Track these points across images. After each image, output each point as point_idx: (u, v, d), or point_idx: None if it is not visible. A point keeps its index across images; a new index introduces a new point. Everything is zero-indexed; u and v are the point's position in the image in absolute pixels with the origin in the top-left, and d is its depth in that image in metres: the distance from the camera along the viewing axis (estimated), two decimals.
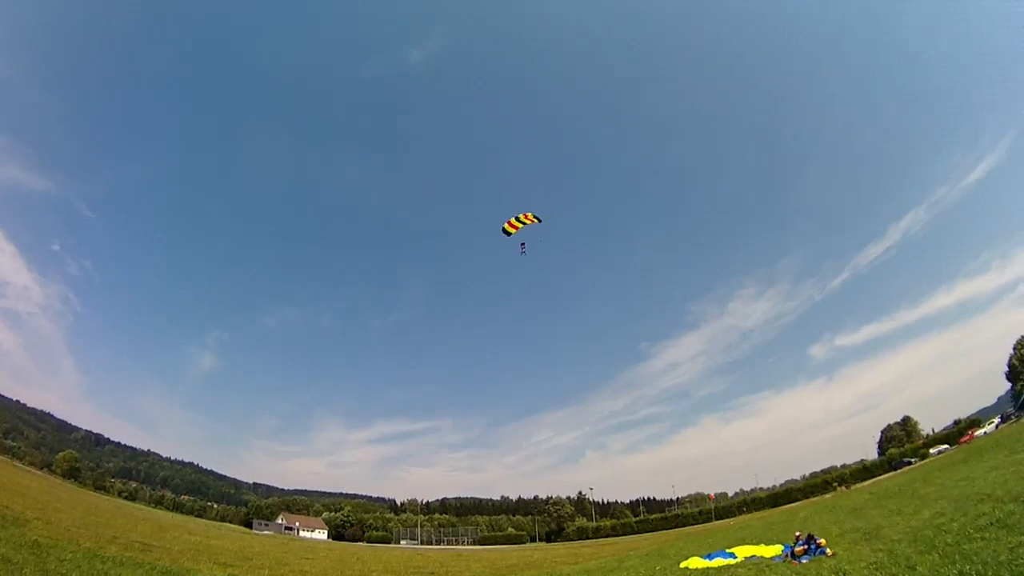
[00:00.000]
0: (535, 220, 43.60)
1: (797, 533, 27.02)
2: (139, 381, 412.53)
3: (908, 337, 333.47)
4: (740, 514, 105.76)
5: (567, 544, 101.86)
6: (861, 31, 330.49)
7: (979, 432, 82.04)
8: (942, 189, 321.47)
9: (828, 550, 23.50)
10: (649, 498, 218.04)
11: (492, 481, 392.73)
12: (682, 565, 27.69)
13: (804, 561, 23.14)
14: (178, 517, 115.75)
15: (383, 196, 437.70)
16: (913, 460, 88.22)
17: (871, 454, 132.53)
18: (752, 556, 27.04)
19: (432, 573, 36.14)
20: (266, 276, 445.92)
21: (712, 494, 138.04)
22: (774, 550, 27.25)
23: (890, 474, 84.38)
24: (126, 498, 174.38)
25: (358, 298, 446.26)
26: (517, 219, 43.41)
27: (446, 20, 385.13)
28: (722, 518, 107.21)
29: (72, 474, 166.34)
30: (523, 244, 44.95)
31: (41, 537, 22.96)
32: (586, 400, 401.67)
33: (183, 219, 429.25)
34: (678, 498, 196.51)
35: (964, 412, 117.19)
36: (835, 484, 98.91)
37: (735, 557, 27.36)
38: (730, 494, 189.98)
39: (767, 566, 23.86)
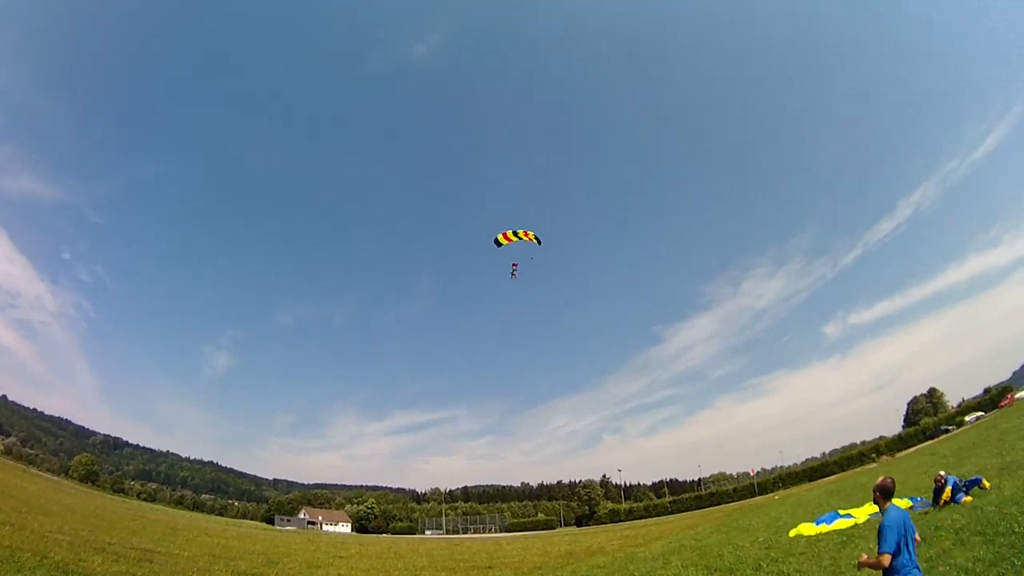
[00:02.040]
0: (535, 240, 37.58)
1: (941, 473, 23.11)
2: (155, 383, 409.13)
3: (921, 313, 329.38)
4: (777, 489, 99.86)
5: (603, 528, 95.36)
6: (866, 4, 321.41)
7: (1019, 395, 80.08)
8: (952, 162, 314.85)
9: (985, 481, 21.53)
10: (671, 479, 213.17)
11: (511, 468, 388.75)
12: (792, 533, 24.15)
13: (961, 500, 20.80)
14: (197, 516, 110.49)
15: (390, 192, 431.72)
16: (951, 428, 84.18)
17: (891, 430, 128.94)
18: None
19: (490, 567, 29.92)
20: (278, 274, 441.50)
21: (753, 470, 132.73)
22: (900, 503, 22.22)
23: (931, 441, 79.84)
24: (145, 499, 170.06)
25: (370, 292, 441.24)
26: (514, 233, 37.38)
27: (451, 11, 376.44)
28: (760, 494, 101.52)
29: (89, 478, 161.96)
30: (515, 265, 39.24)
31: None
32: (601, 384, 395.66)
33: (192, 220, 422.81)
34: (700, 479, 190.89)
35: (978, 387, 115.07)
36: (873, 455, 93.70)
37: (853, 517, 23.86)
38: (752, 473, 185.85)
39: (920, 516, 20.56)
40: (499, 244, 37.59)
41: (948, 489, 21.71)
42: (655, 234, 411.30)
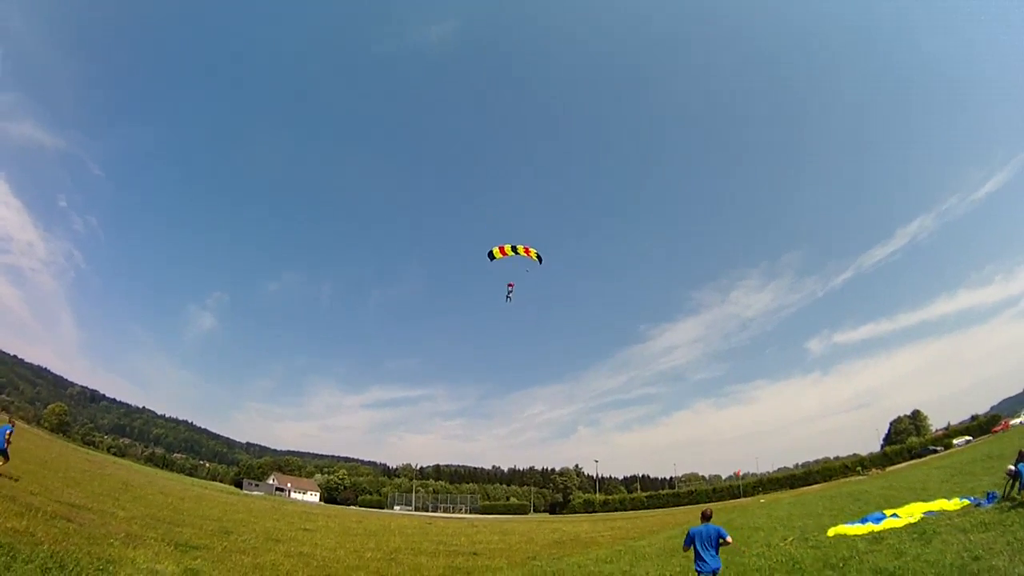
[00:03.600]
0: (535, 258, 32.94)
1: (1010, 467, 20.65)
2: (138, 339, 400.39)
3: (906, 340, 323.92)
4: (757, 493, 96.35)
5: (579, 517, 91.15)
6: (881, 36, 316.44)
7: (1014, 422, 77.65)
8: (952, 199, 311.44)
9: None
10: (644, 475, 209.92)
11: (483, 451, 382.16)
12: (831, 533, 21.17)
13: None
14: (162, 474, 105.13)
15: (386, 175, 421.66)
16: (938, 449, 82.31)
17: (867, 448, 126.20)
18: (930, 512, 21.11)
19: (474, 553, 25.71)
20: (270, 243, 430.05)
21: (739, 471, 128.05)
22: (948, 504, 21.94)
23: (917, 460, 78.21)
24: (115, 454, 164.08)
25: (359, 269, 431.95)
26: (513, 248, 32.64)
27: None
28: (737, 497, 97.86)
29: (61, 428, 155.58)
30: (511, 285, 34.16)
31: None
32: (581, 376, 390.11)
33: (192, 183, 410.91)
34: (671, 478, 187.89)
35: (955, 419, 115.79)
36: (858, 468, 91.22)
37: (899, 517, 21.43)
38: (723, 476, 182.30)
39: (990, 512, 18.76)
40: (493, 258, 32.92)
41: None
42: (651, 236, 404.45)
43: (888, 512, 22.76)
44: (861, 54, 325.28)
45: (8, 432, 23.86)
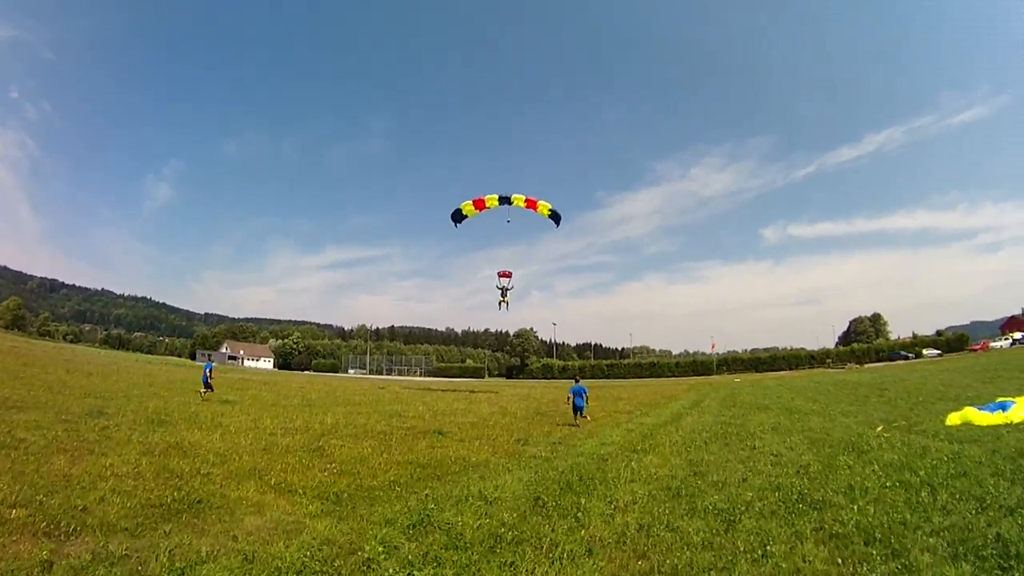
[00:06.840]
0: (548, 215, 22.13)
1: None
2: (96, 218, 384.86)
3: (861, 245, 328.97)
4: (721, 372, 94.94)
5: (540, 383, 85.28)
6: None
7: (994, 344, 76.31)
8: (926, 119, 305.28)
9: None
10: (596, 344, 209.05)
11: (438, 312, 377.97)
12: (955, 420, 15.83)
13: None
14: (108, 354, 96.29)
15: (351, 24, 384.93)
16: (909, 355, 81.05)
17: (814, 343, 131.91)
18: None
19: (440, 432, 18.10)
20: (228, 101, 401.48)
21: (713, 344, 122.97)
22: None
23: (889, 363, 75.49)
24: (71, 341, 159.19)
25: (322, 125, 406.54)
26: (503, 199, 21.70)
27: None
28: (703, 374, 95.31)
29: (17, 324, 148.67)
30: (505, 277, 24.27)
31: None
32: (537, 239, 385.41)
33: (144, 47, 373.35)
34: (624, 348, 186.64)
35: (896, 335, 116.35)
36: (828, 360, 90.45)
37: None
38: (673, 352, 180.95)
39: None
40: (461, 219, 22.92)
41: None
42: (616, 101, 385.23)
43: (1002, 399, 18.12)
44: None
45: (209, 369, 27.13)
